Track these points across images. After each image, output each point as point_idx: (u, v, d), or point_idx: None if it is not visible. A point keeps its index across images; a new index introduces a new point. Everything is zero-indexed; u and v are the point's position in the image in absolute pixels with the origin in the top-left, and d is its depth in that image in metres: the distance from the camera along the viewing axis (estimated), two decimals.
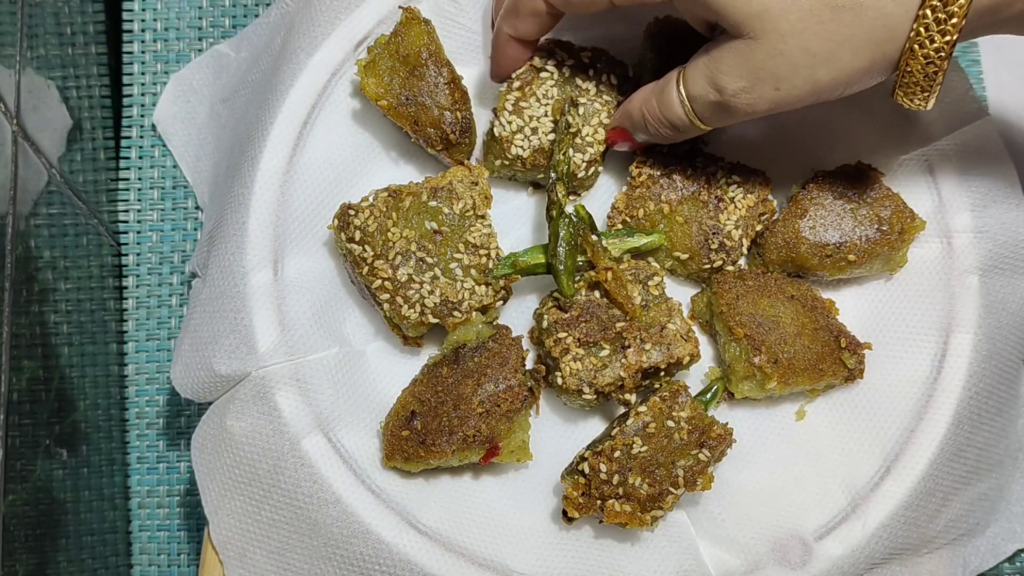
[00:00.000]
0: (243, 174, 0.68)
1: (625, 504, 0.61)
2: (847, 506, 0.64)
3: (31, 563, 0.60)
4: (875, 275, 0.68)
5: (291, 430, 0.63)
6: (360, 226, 0.64)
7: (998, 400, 0.67)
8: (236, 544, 0.64)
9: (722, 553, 0.63)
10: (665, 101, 0.62)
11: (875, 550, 0.63)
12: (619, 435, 0.61)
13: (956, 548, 0.66)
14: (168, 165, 0.78)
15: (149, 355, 0.76)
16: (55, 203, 0.68)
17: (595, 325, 0.63)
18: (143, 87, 0.79)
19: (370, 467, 0.64)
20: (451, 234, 0.65)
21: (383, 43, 0.67)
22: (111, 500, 0.72)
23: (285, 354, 0.64)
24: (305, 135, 0.68)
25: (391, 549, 0.62)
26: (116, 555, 0.72)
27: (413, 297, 0.64)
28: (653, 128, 0.64)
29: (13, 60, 0.64)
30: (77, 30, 0.75)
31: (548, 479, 0.65)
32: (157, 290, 0.76)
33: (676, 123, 0.62)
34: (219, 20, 0.80)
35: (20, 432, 0.59)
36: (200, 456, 0.65)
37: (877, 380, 0.66)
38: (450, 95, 0.66)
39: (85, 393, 0.70)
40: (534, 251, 0.65)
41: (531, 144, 0.67)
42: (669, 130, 0.63)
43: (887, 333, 0.67)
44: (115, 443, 0.74)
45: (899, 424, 0.65)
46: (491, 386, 0.62)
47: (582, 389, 0.63)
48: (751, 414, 0.67)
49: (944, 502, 0.65)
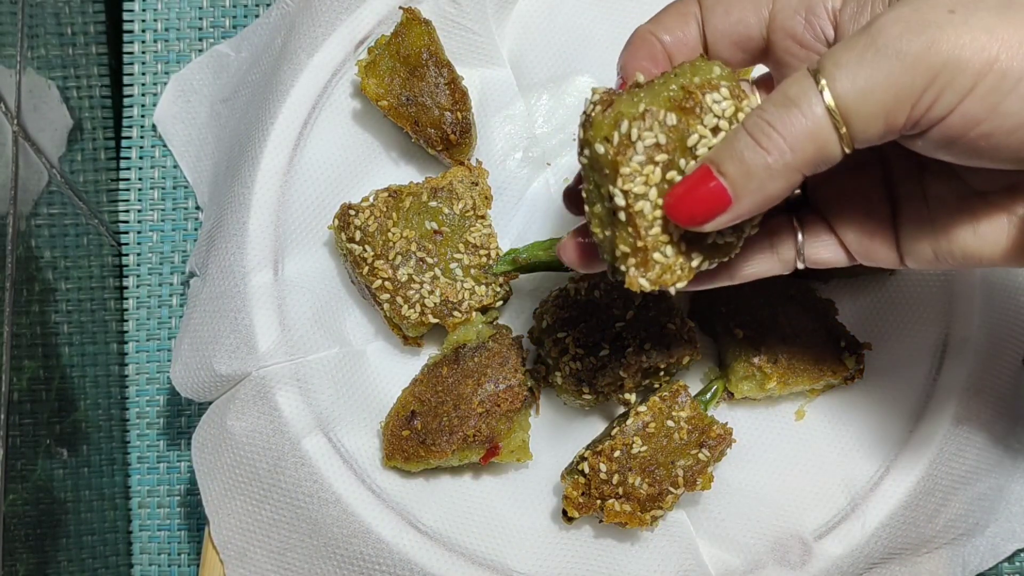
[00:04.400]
0: (243, 174, 0.68)
1: (625, 504, 0.61)
2: (847, 506, 0.64)
3: (31, 562, 0.60)
4: (875, 275, 0.68)
5: (291, 430, 0.63)
6: (360, 226, 0.64)
7: (998, 400, 0.67)
8: (236, 544, 0.64)
9: (722, 553, 0.63)
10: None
11: (875, 550, 0.63)
12: (619, 435, 0.61)
13: (955, 548, 0.67)
14: (168, 165, 0.78)
15: (150, 355, 0.76)
16: (56, 203, 0.68)
17: (595, 325, 0.63)
18: (143, 87, 0.79)
19: (370, 467, 0.64)
20: (451, 234, 0.65)
21: (383, 43, 0.67)
22: (112, 500, 0.72)
23: (285, 354, 0.64)
24: (305, 135, 0.68)
25: (391, 549, 0.62)
26: (116, 555, 0.72)
27: (413, 297, 0.64)
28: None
29: (14, 60, 0.64)
30: (78, 30, 0.75)
31: (548, 479, 0.65)
32: (158, 290, 0.76)
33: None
34: (219, 20, 0.80)
35: (21, 432, 0.59)
36: (200, 456, 0.65)
37: (877, 380, 0.66)
38: (450, 95, 0.66)
39: (86, 393, 0.70)
40: (534, 248, 0.65)
41: None
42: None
43: (887, 333, 0.67)
44: (116, 443, 0.74)
45: (899, 424, 0.65)
46: (491, 386, 0.62)
47: (582, 389, 0.63)
48: (751, 414, 0.67)
49: (943, 502, 0.65)
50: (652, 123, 0.45)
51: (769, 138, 0.43)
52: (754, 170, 0.43)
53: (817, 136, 0.42)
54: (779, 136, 0.42)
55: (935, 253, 0.49)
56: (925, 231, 0.49)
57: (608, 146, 0.45)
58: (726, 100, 0.46)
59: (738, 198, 0.44)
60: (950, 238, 0.48)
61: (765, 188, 0.43)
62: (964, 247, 0.48)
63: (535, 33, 0.72)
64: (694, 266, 0.47)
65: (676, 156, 0.46)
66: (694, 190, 0.44)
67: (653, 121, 0.45)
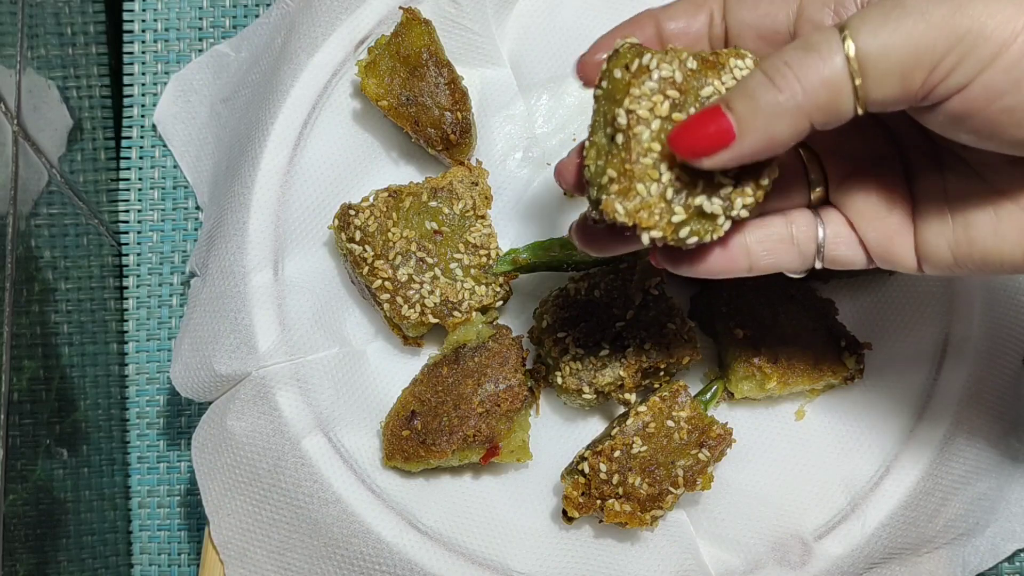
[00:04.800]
0: (243, 174, 0.68)
1: (625, 504, 0.61)
2: (847, 506, 0.64)
3: (31, 563, 0.60)
4: (875, 275, 0.68)
5: (291, 430, 0.63)
6: (360, 226, 0.64)
7: (998, 400, 0.67)
8: (237, 544, 0.64)
9: (722, 553, 0.63)
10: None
11: (874, 550, 0.63)
12: (619, 435, 0.61)
13: (955, 548, 0.67)
14: (168, 165, 0.78)
15: (150, 355, 0.76)
16: (55, 203, 0.68)
17: (595, 325, 0.63)
18: (143, 87, 0.79)
19: (370, 467, 0.64)
20: (451, 234, 0.65)
21: (384, 44, 0.67)
22: (111, 500, 0.72)
23: (285, 354, 0.64)
24: (305, 135, 0.68)
25: (391, 549, 0.62)
26: (116, 555, 0.72)
27: (413, 297, 0.64)
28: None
29: (14, 60, 0.64)
30: (78, 30, 0.75)
31: (548, 479, 0.66)
32: (158, 290, 0.76)
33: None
34: (219, 20, 0.80)
35: (21, 432, 0.59)
36: (200, 456, 0.65)
37: (877, 380, 0.66)
38: (450, 96, 0.67)
39: (86, 393, 0.70)
40: (534, 248, 0.65)
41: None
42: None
43: (887, 333, 0.67)
44: (115, 443, 0.74)
45: (899, 424, 0.65)
46: (491, 386, 0.62)
47: (582, 389, 0.63)
48: (751, 414, 0.67)
49: (943, 502, 0.65)
50: (673, 60, 0.47)
51: (784, 77, 0.42)
52: (763, 107, 0.43)
53: (832, 84, 0.42)
54: (794, 76, 0.42)
55: (954, 255, 0.48)
56: (944, 231, 0.48)
57: (626, 72, 0.47)
58: (748, 70, 0.47)
59: (742, 134, 0.43)
60: (970, 239, 0.47)
61: (771, 127, 0.43)
62: (984, 248, 0.47)
63: (535, 33, 0.72)
64: (675, 221, 0.46)
65: (687, 100, 0.46)
66: (699, 122, 0.44)
67: (675, 59, 0.47)
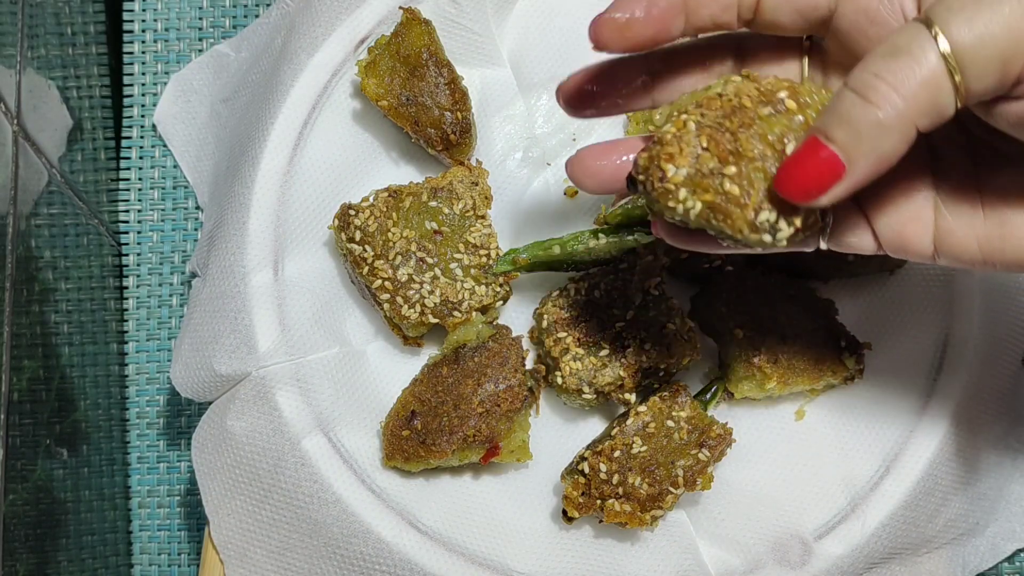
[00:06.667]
0: (243, 174, 0.68)
1: (625, 504, 0.61)
2: (847, 506, 0.64)
3: (31, 563, 0.60)
4: (875, 275, 0.68)
5: (291, 430, 0.63)
6: (360, 226, 0.64)
7: (998, 400, 0.67)
8: (237, 544, 0.64)
9: (722, 553, 0.63)
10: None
11: (875, 549, 0.63)
12: (619, 435, 0.61)
13: (955, 548, 0.67)
14: (168, 165, 0.78)
15: (149, 355, 0.76)
16: (55, 203, 0.68)
17: (595, 325, 0.63)
18: (143, 87, 0.79)
19: (370, 467, 0.64)
20: (451, 234, 0.65)
21: (384, 43, 0.67)
22: (111, 500, 0.72)
23: (285, 354, 0.64)
24: (305, 135, 0.68)
25: (391, 549, 0.62)
26: (116, 555, 0.72)
27: (413, 297, 0.64)
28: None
29: (14, 60, 0.64)
30: (77, 30, 0.75)
31: (548, 479, 0.66)
32: (158, 290, 0.76)
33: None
34: (219, 20, 0.80)
35: (20, 432, 0.59)
36: (200, 456, 0.65)
37: (877, 380, 0.66)
38: (450, 96, 0.67)
39: (86, 393, 0.70)
40: (534, 248, 0.65)
41: None
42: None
43: (887, 333, 0.67)
44: (115, 443, 0.74)
45: (899, 424, 0.65)
46: (491, 386, 0.62)
47: (582, 389, 0.63)
48: (751, 414, 0.67)
49: (943, 502, 0.65)
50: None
51: (877, 91, 0.39)
52: (865, 129, 0.40)
53: (931, 84, 0.39)
54: (888, 87, 0.39)
55: (982, 250, 0.45)
56: (975, 225, 0.46)
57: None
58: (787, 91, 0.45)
59: (852, 162, 0.40)
60: (1003, 236, 0.45)
61: (879, 147, 0.40)
62: (1018, 247, 0.45)
63: (535, 33, 0.72)
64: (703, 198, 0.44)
65: (735, 120, 0.44)
66: (804, 161, 0.41)
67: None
